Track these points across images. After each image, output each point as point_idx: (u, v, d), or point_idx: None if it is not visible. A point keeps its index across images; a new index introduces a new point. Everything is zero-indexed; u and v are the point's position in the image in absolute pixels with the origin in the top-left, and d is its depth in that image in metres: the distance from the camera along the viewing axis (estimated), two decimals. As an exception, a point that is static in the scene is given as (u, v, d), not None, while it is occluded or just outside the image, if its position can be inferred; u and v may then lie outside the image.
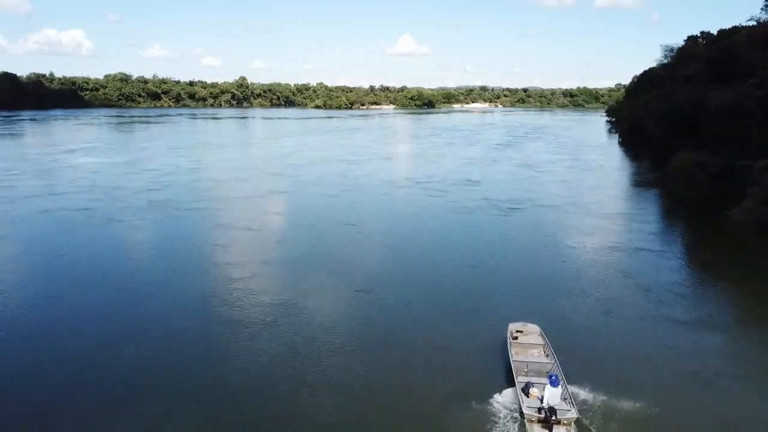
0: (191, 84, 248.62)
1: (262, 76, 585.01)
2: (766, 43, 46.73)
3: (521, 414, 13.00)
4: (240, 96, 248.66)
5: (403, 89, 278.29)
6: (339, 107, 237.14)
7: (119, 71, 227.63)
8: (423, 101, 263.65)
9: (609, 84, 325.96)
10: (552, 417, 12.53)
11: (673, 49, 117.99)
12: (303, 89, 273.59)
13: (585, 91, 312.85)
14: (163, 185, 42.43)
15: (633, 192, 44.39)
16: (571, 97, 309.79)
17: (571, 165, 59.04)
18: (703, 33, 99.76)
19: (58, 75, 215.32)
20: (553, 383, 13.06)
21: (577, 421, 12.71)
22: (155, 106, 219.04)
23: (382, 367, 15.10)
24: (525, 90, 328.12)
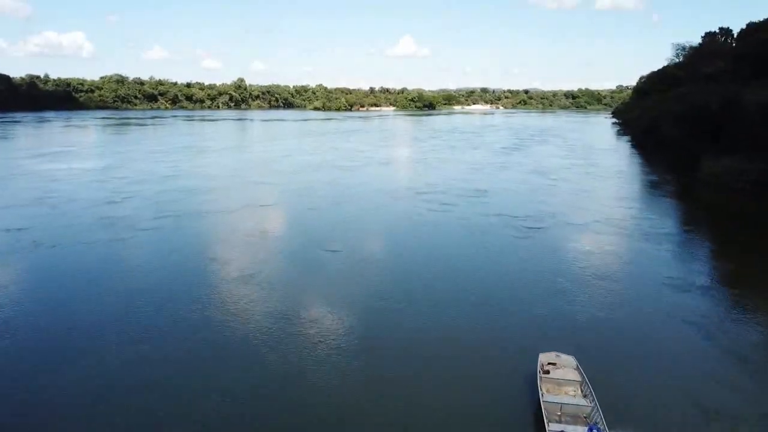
0: (188, 86, 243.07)
1: (262, 78, 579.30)
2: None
3: None
4: (238, 98, 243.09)
5: (403, 91, 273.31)
6: (338, 109, 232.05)
7: (115, 72, 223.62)
8: (423, 103, 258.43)
9: (610, 85, 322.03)
10: None
11: (686, 48, 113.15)
12: (302, 91, 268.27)
13: (587, 93, 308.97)
14: (126, 197, 36.95)
15: (666, 204, 38.83)
16: (573, 99, 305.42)
17: (587, 171, 53.53)
18: (722, 29, 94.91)
19: (53, 76, 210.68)
20: None
21: None
22: (152, 108, 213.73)
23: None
24: (526, 91, 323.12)
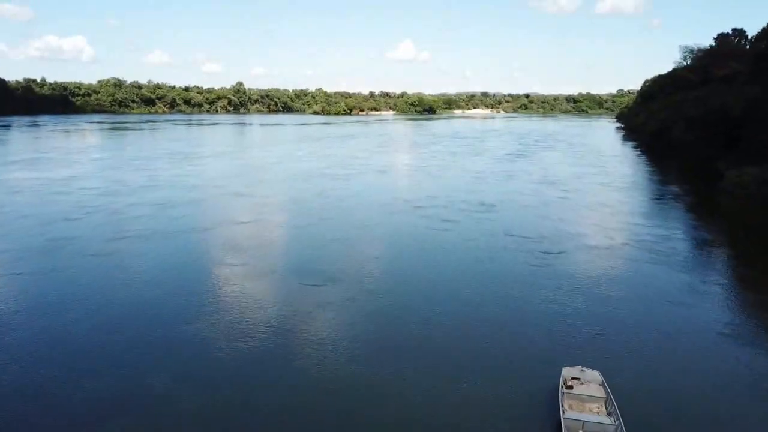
0: (187, 89, 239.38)
1: (262, 81, 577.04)
2: None
3: None
4: (237, 102, 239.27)
5: (403, 95, 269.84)
6: (338, 113, 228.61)
7: (112, 76, 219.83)
8: (423, 107, 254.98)
9: (611, 89, 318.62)
10: None
11: (694, 50, 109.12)
12: (301, 95, 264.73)
13: (588, 97, 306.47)
14: (88, 212, 32.78)
15: (694, 220, 34.61)
16: (574, 103, 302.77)
17: (601, 181, 49.36)
18: (735, 30, 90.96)
19: (50, 80, 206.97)
20: None
21: None
22: (149, 112, 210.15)
23: None
24: (527, 95, 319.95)
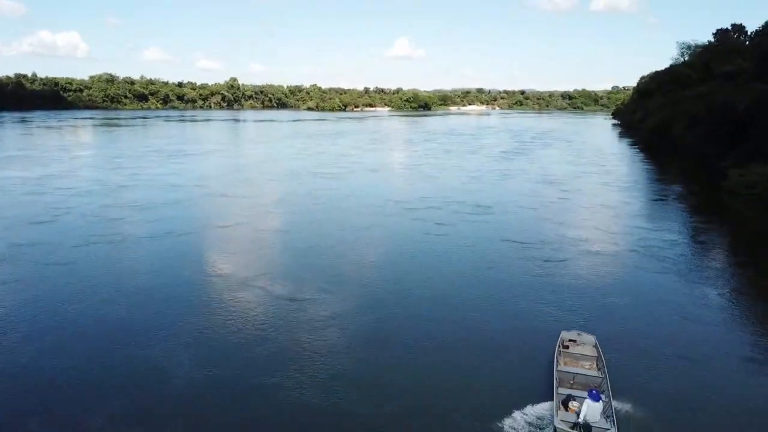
0: (180, 85, 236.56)
1: (259, 79, 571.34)
2: None
3: (554, 429, 11.20)
4: (231, 98, 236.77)
5: (399, 91, 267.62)
6: (332, 109, 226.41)
7: (104, 72, 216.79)
8: (419, 103, 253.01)
9: (606, 86, 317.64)
10: None
11: (692, 47, 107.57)
12: (296, 91, 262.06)
13: (584, 94, 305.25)
14: (59, 214, 30.73)
15: (702, 223, 32.87)
16: (570, 100, 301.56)
17: (601, 180, 47.60)
18: (735, 26, 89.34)
19: (41, 75, 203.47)
20: (594, 398, 11.21)
21: None
22: (142, 107, 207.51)
23: None
24: (522, 92, 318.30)
